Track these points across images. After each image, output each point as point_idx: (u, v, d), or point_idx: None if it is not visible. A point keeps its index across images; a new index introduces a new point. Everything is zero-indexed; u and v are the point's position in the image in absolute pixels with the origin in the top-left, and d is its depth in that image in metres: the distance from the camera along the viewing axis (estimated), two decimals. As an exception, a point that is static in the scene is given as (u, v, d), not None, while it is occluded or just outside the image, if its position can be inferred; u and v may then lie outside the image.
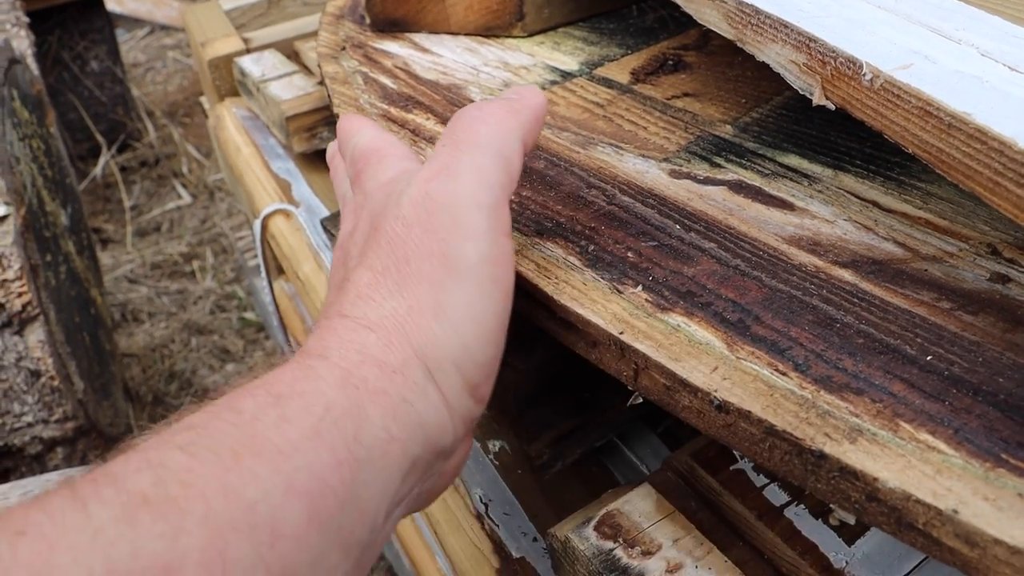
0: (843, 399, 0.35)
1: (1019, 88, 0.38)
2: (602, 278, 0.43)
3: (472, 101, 0.63)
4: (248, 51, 1.03)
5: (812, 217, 0.46)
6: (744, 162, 0.52)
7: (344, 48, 0.75)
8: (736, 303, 0.41)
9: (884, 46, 0.42)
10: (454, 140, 0.39)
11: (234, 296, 1.77)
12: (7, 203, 1.09)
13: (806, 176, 0.50)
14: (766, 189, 0.49)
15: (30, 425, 1.16)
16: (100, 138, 2.15)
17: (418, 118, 0.61)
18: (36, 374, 1.12)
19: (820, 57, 0.44)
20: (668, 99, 0.60)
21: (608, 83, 0.63)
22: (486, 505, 0.53)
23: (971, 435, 0.33)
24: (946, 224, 0.45)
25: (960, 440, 0.33)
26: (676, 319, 0.40)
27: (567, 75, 0.65)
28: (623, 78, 0.64)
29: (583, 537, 0.44)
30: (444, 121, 0.60)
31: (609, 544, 0.43)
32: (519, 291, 0.45)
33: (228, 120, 1.01)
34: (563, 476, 0.55)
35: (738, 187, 0.50)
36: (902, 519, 0.32)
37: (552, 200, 0.50)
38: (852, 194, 0.48)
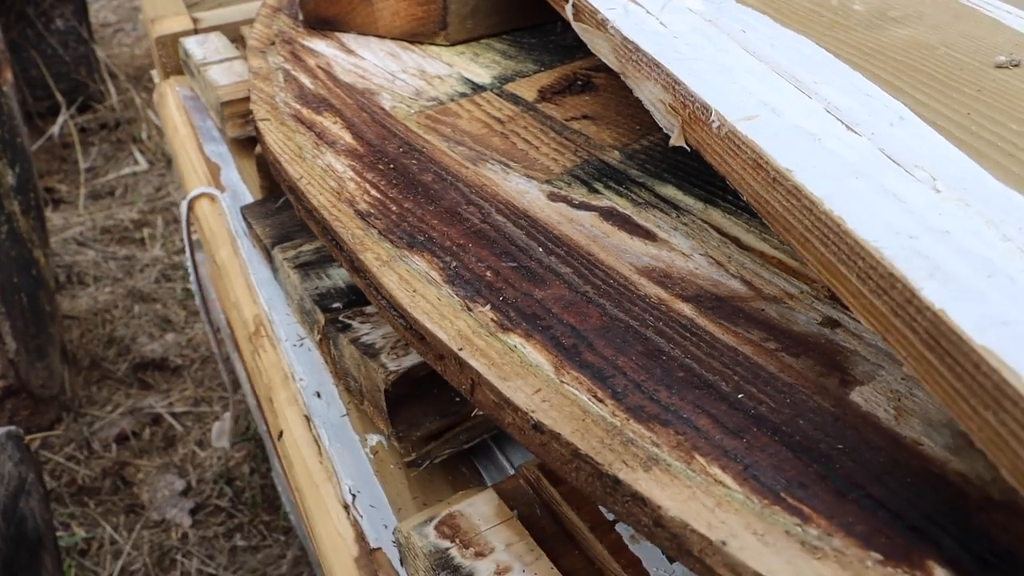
0: (649, 429, 0.37)
1: (848, 148, 0.40)
2: (456, 295, 0.45)
3: (383, 109, 0.64)
4: (196, 31, 1.04)
5: (670, 249, 0.49)
6: (622, 189, 0.54)
7: (274, 43, 0.77)
8: (575, 329, 0.43)
9: (740, 95, 0.44)
10: None
11: (180, 267, 1.79)
12: (-55, 162, 1.09)
13: (676, 207, 0.52)
14: (634, 218, 0.51)
15: (-44, 383, 1.17)
16: (60, 97, 2.15)
17: (326, 121, 0.63)
18: (-36, 333, 1.13)
19: (682, 100, 0.46)
20: (567, 120, 0.62)
21: (515, 99, 0.65)
22: (353, 496, 0.55)
23: (759, 472, 0.35)
24: (796, 266, 0.48)
25: (747, 476, 0.35)
26: (514, 340, 0.42)
27: (478, 88, 0.67)
28: (530, 95, 0.66)
29: (423, 535, 0.46)
30: (350, 126, 0.62)
31: (446, 543, 0.46)
32: (385, 301, 0.47)
33: (171, 98, 1.02)
34: (433, 474, 0.57)
35: (609, 214, 0.52)
36: (681, 546, 0.34)
37: (430, 214, 0.52)
38: (716, 228, 0.51)
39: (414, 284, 0.47)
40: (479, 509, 0.47)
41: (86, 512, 1.33)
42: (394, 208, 0.53)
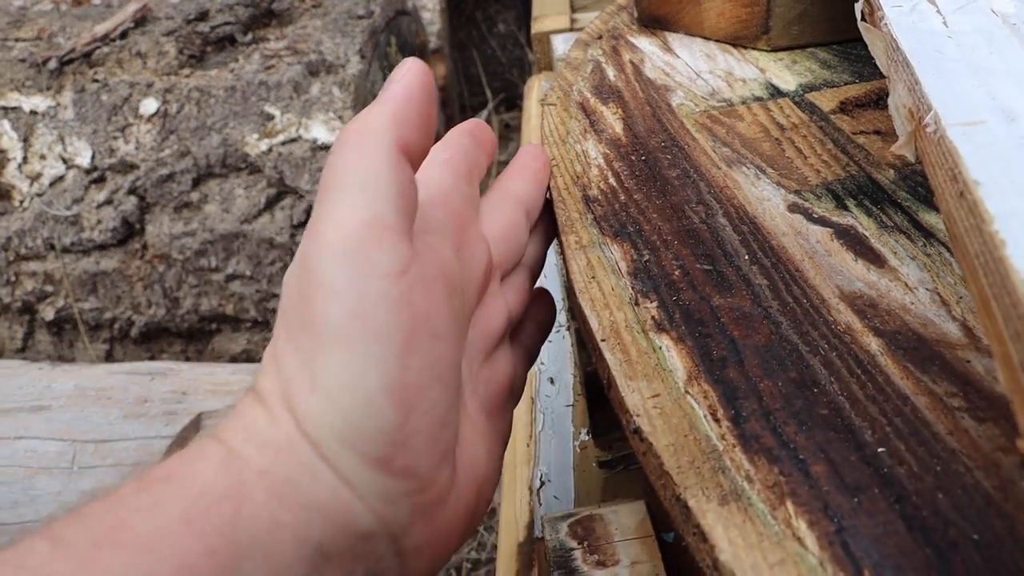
0: (752, 462, 0.33)
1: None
2: (632, 287, 0.43)
3: (668, 105, 0.62)
4: (571, 30, 1.08)
5: (894, 279, 0.42)
6: (874, 209, 0.48)
7: (601, 37, 0.77)
8: (734, 342, 0.39)
9: (977, 98, 0.37)
10: (322, 182, 0.34)
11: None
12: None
13: (930, 236, 0.45)
14: (870, 240, 0.45)
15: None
16: (489, 93, 2.33)
17: (607, 111, 0.62)
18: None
19: (917, 102, 0.39)
20: (855, 133, 0.56)
21: (811, 108, 0.60)
22: (542, 483, 0.54)
23: (851, 539, 0.29)
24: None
25: (834, 540, 0.29)
26: (663, 341, 0.39)
27: (778, 93, 0.63)
28: (828, 105, 0.60)
29: (555, 529, 0.44)
30: (627, 118, 0.61)
31: (573, 543, 0.43)
32: (568, 284, 0.46)
33: (534, 91, 1.07)
34: (632, 480, 0.55)
35: (844, 233, 0.46)
36: (733, 598, 0.29)
37: (654, 207, 0.50)
38: (969, 267, 0.43)
39: (597, 271, 0.45)
40: (621, 519, 0.44)
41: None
42: (622, 197, 0.51)
